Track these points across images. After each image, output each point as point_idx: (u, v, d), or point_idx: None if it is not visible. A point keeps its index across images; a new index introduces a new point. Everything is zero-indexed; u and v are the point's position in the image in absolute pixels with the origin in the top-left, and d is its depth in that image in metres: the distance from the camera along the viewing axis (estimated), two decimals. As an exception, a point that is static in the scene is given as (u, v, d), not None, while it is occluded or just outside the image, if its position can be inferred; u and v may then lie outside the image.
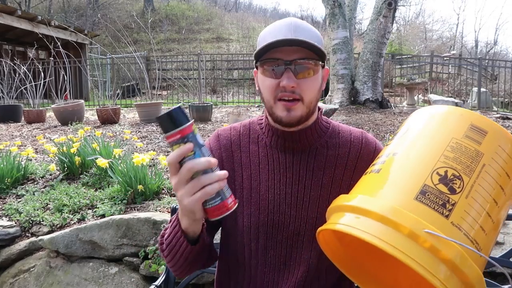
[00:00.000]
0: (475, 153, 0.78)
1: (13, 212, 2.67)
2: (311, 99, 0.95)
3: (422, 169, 0.76)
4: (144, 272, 2.27)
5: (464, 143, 0.79)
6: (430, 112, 0.89)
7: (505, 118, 5.82)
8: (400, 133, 0.89)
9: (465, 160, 0.77)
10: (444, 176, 0.75)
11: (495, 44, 30.13)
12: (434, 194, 0.72)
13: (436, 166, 0.76)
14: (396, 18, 17.33)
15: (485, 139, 0.80)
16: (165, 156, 3.67)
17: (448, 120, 0.85)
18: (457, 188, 0.74)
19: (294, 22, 0.94)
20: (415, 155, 0.80)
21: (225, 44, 17.44)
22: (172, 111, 0.73)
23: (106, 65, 12.25)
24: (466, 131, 0.81)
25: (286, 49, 0.91)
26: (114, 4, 22.33)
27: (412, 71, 12.72)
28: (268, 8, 41.60)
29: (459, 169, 0.76)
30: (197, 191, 0.74)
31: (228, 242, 1.05)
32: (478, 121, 0.82)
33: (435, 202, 0.72)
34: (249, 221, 1.00)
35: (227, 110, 7.70)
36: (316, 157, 1.01)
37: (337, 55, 7.30)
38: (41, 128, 5.98)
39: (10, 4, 16.08)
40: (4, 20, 9.44)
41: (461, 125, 0.82)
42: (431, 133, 0.83)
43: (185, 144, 0.73)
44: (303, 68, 0.92)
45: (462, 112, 0.85)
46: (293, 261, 0.99)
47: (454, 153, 0.78)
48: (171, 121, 0.73)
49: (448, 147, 0.78)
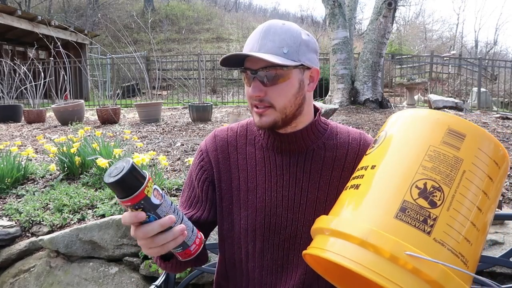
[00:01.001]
0: (454, 160, 0.74)
1: (13, 212, 2.67)
2: (284, 105, 0.93)
3: (401, 183, 0.73)
4: (144, 272, 2.27)
5: (442, 150, 0.75)
6: (407, 117, 0.85)
7: (505, 118, 5.82)
8: (378, 141, 0.86)
9: (444, 169, 0.73)
10: (424, 189, 0.71)
11: (495, 44, 30.13)
12: (414, 210, 0.69)
13: (414, 179, 0.72)
14: (396, 18, 17.34)
15: (463, 143, 0.76)
16: (165, 156, 3.67)
17: (425, 126, 0.80)
18: (438, 200, 0.70)
19: (265, 29, 0.92)
20: (393, 168, 0.76)
21: (225, 44, 17.44)
22: (121, 178, 0.67)
23: (106, 65, 12.25)
24: (443, 137, 0.76)
25: (252, 59, 0.92)
26: (114, 4, 22.33)
27: (412, 71, 12.72)
28: (268, 8, 41.59)
29: (439, 179, 0.72)
30: (153, 247, 0.75)
31: (225, 245, 1.05)
32: (456, 124, 0.78)
33: (416, 219, 0.69)
34: (246, 223, 0.99)
35: (227, 110, 7.70)
36: (313, 158, 0.99)
37: (337, 55, 7.29)
38: (41, 128, 5.98)
39: (10, 4, 16.08)
40: (4, 20, 9.44)
41: (439, 131, 0.77)
42: (408, 141, 0.79)
43: (137, 211, 0.71)
44: (270, 75, 0.91)
45: (439, 116, 0.80)
46: (290, 264, 0.99)
47: (432, 163, 0.73)
48: (122, 188, 0.69)
49: (426, 156, 0.74)
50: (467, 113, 7.04)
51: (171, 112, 7.56)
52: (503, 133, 4.58)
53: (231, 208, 1.01)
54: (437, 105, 7.73)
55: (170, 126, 5.59)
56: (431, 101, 8.05)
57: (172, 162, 3.56)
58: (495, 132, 4.61)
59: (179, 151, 4.00)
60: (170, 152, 3.97)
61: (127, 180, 0.67)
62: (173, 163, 3.55)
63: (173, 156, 3.81)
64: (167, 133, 5.06)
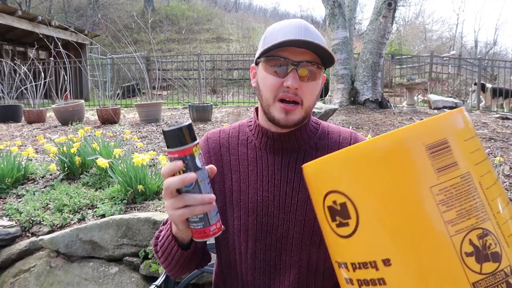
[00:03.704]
0: (463, 181, 0.58)
1: (13, 212, 2.67)
2: (310, 104, 0.94)
3: (447, 264, 0.56)
4: (144, 272, 2.28)
5: (446, 183, 0.58)
6: (363, 175, 0.61)
7: (505, 118, 5.82)
8: (348, 217, 0.63)
9: (467, 203, 0.57)
10: (474, 251, 0.56)
11: (494, 44, 30.15)
12: (487, 282, 0.55)
13: (455, 245, 0.56)
14: (396, 18, 17.35)
15: (453, 151, 0.59)
16: (165, 156, 3.68)
17: (398, 169, 0.59)
18: (494, 246, 0.56)
19: (304, 25, 0.93)
20: (421, 251, 0.57)
21: (225, 44, 17.44)
22: (178, 129, 0.73)
23: (106, 65, 12.25)
24: (432, 164, 0.58)
25: (293, 50, 0.89)
26: (114, 4, 22.33)
27: (412, 71, 12.72)
28: (268, 8, 41.58)
29: (474, 222, 0.57)
30: (179, 208, 0.74)
31: (220, 247, 1.04)
32: (428, 135, 0.59)
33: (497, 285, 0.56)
34: (239, 224, 0.99)
35: (227, 110, 7.70)
36: (304, 158, 0.98)
37: (337, 55, 7.29)
38: (41, 128, 5.99)
39: (11, 4, 16.08)
40: (5, 20, 9.44)
41: (420, 161, 0.58)
42: (402, 205, 0.58)
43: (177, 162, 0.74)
44: (308, 71, 0.90)
45: (403, 139, 0.59)
46: (283, 264, 0.98)
47: (450, 207, 0.57)
48: (175, 138, 0.73)
49: (440, 206, 0.57)
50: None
51: (171, 112, 7.57)
52: (503, 133, 4.58)
53: (225, 209, 1.01)
54: (437, 105, 7.73)
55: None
56: (431, 101, 8.05)
57: (172, 162, 3.56)
58: (495, 132, 4.61)
59: (179, 151, 3.99)
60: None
61: (183, 132, 0.73)
62: (173, 163, 3.55)
63: (173, 156, 3.81)
64: (167, 133, 5.05)
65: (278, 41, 0.88)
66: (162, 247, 0.92)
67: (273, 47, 0.88)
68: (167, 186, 0.73)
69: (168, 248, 0.90)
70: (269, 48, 0.89)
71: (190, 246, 0.89)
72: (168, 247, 0.90)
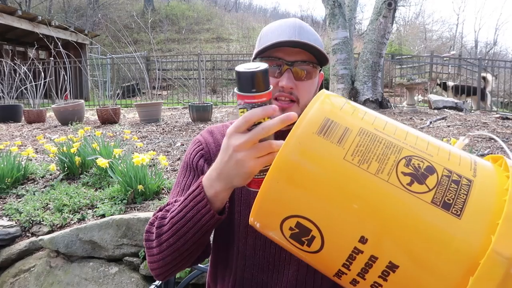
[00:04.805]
0: (363, 135, 0.63)
1: (13, 212, 2.67)
2: (306, 102, 0.93)
3: (399, 201, 0.60)
4: (144, 272, 2.28)
5: (351, 147, 0.62)
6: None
7: (505, 118, 5.82)
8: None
9: (378, 149, 0.62)
10: (411, 175, 0.60)
11: (494, 44, 30.15)
12: (439, 192, 0.59)
13: (394, 182, 0.60)
14: (396, 18, 17.35)
15: (337, 121, 0.64)
16: (165, 156, 3.67)
17: (313, 163, 0.63)
18: (421, 162, 0.62)
19: (299, 24, 0.94)
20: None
21: (225, 44, 17.45)
22: (266, 69, 0.66)
23: (106, 65, 12.25)
24: (330, 141, 0.62)
25: (288, 50, 0.90)
26: (114, 4, 22.33)
27: (412, 71, 12.72)
28: (268, 8, 41.62)
29: (394, 157, 0.62)
30: (265, 155, 0.69)
31: (218, 241, 1.03)
32: (312, 124, 0.64)
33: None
34: (239, 219, 0.98)
35: (227, 110, 7.70)
36: None
37: (337, 55, 7.29)
38: (41, 128, 5.99)
39: (11, 4, 16.08)
40: (5, 20, 9.45)
41: (320, 145, 0.62)
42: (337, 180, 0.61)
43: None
44: (303, 70, 0.91)
45: (298, 143, 0.63)
46: (282, 261, 0.97)
47: (370, 160, 0.61)
48: (263, 80, 0.66)
49: (361, 165, 0.60)
50: (467, 113, 7.04)
51: (171, 112, 7.57)
52: (503, 133, 4.58)
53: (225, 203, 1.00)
54: (437, 105, 7.73)
55: (170, 126, 5.59)
56: (431, 101, 8.05)
57: (172, 162, 3.57)
58: (495, 132, 4.61)
59: (179, 151, 4.00)
60: (170, 152, 3.97)
61: (266, 75, 0.67)
62: (173, 163, 3.56)
63: (173, 156, 3.81)
64: (167, 133, 5.06)
65: (272, 42, 0.89)
66: (179, 222, 0.81)
67: (268, 47, 0.90)
68: (250, 118, 0.68)
69: (193, 219, 0.80)
70: (264, 49, 0.90)
71: (224, 211, 0.83)
72: (193, 218, 0.80)
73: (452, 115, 6.19)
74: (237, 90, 0.69)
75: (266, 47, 0.90)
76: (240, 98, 0.69)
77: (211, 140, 1.03)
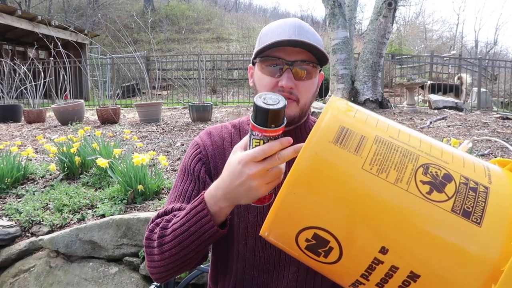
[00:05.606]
0: (379, 143, 0.63)
1: (13, 212, 2.67)
2: (306, 101, 0.94)
3: (421, 210, 0.59)
4: (144, 272, 2.27)
5: (369, 156, 0.61)
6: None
7: (505, 118, 5.81)
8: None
9: (395, 157, 0.62)
10: (429, 184, 0.60)
11: (495, 44, 30.13)
12: (458, 200, 0.59)
13: (413, 191, 0.59)
14: (396, 18, 17.34)
15: (353, 129, 0.64)
16: (165, 156, 3.67)
17: (330, 174, 0.62)
18: (438, 170, 0.61)
19: (299, 23, 0.94)
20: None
21: (225, 44, 17.44)
22: (283, 107, 0.70)
23: (106, 65, 12.25)
24: (347, 150, 0.62)
25: (288, 49, 0.90)
26: (114, 4, 22.32)
27: (412, 71, 12.73)
28: (268, 8, 41.60)
29: (412, 165, 0.61)
30: (275, 179, 0.75)
31: (218, 243, 1.03)
32: (327, 133, 0.63)
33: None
34: (238, 220, 0.98)
35: (227, 110, 7.70)
36: None
37: (337, 55, 7.29)
38: (41, 128, 5.98)
39: (10, 4, 16.08)
40: (4, 20, 9.44)
41: (337, 155, 0.62)
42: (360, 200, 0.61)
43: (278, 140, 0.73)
44: (303, 70, 0.91)
45: (314, 153, 0.62)
46: (282, 262, 0.97)
47: (388, 169, 0.60)
48: (279, 117, 0.71)
49: (380, 174, 0.60)
50: (467, 113, 7.04)
51: (171, 112, 7.56)
52: (503, 133, 4.57)
53: None
54: (437, 105, 7.72)
55: (170, 126, 5.59)
56: (431, 101, 8.04)
57: (172, 162, 3.56)
58: (495, 132, 4.61)
59: (179, 151, 4.00)
60: (170, 152, 3.97)
61: (284, 111, 0.71)
62: (173, 163, 3.56)
63: (173, 156, 3.81)
64: (167, 133, 5.06)
65: (272, 41, 0.89)
66: (182, 234, 0.84)
67: (268, 47, 0.89)
68: (269, 151, 0.72)
69: (196, 233, 0.83)
70: (264, 49, 0.90)
71: (226, 223, 0.87)
72: (196, 232, 0.83)
73: (452, 115, 6.19)
74: (254, 122, 0.72)
75: (265, 46, 0.90)
76: (257, 131, 0.72)
77: (209, 143, 1.03)
